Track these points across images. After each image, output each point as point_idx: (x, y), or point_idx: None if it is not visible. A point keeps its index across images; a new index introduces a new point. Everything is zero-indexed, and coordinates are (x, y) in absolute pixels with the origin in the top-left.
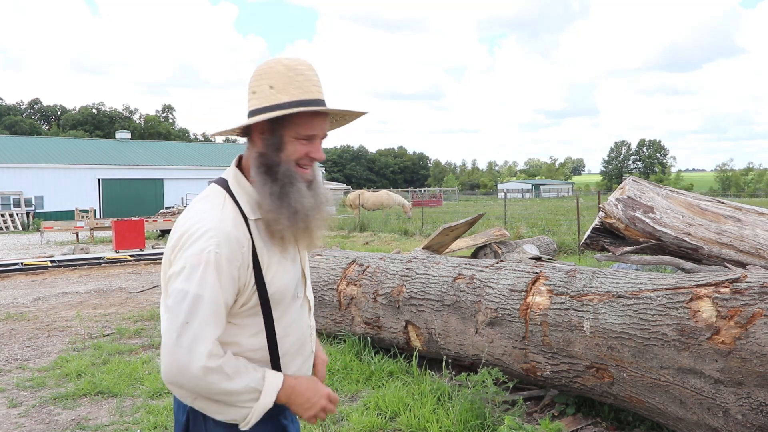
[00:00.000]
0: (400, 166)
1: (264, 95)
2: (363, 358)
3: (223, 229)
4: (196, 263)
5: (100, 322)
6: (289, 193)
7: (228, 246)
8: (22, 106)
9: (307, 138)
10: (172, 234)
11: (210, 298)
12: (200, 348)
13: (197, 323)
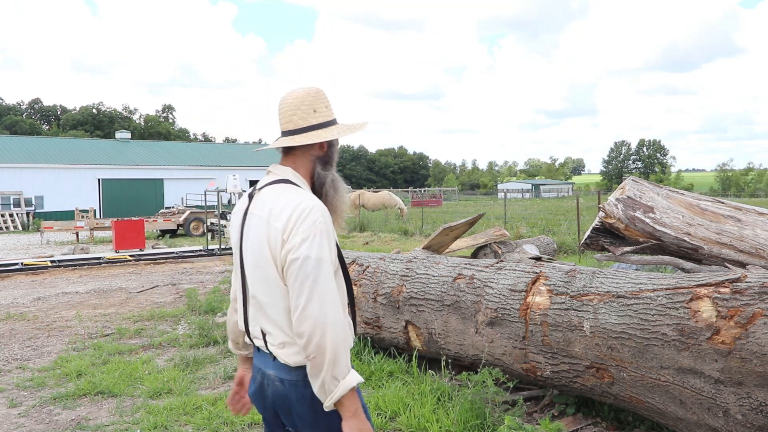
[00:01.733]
0: (400, 166)
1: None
2: (363, 358)
3: (320, 204)
4: (313, 233)
5: (100, 322)
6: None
7: (328, 217)
8: (22, 106)
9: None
10: (273, 223)
11: (328, 259)
12: (328, 302)
13: (323, 281)
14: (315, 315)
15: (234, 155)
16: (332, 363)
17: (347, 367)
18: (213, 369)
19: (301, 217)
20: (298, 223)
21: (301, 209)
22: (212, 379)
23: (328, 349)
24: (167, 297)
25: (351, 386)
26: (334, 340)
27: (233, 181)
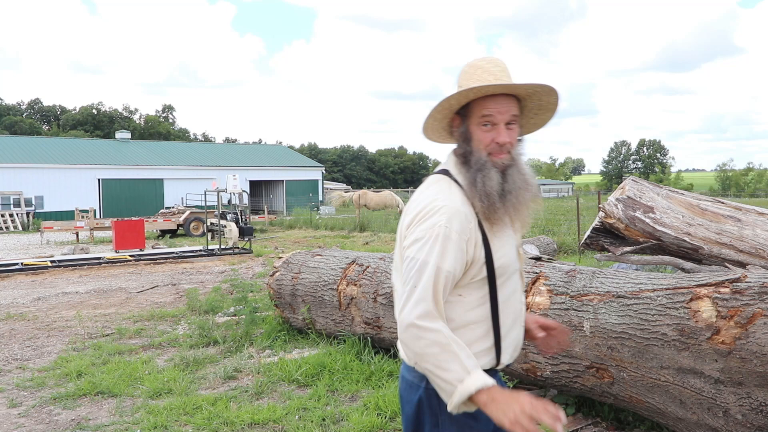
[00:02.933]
0: (400, 166)
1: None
2: (363, 358)
3: (453, 206)
4: (428, 236)
5: (100, 322)
6: (477, 180)
7: (458, 221)
8: (22, 106)
9: (486, 124)
10: (404, 216)
11: (435, 265)
12: (418, 308)
13: (421, 286)
14: (407, 322)
15: (234, 155)
16: (438, 369)
17: (463, 370)
18: (213, 369)
19: (425, 217)
20: (420, 221)
21: (429, 209)
22: (212, 379)
23: (427, 358)
24: (167, 297)
25: (469, 392)
26: (428, 349)
27: (233, 181)
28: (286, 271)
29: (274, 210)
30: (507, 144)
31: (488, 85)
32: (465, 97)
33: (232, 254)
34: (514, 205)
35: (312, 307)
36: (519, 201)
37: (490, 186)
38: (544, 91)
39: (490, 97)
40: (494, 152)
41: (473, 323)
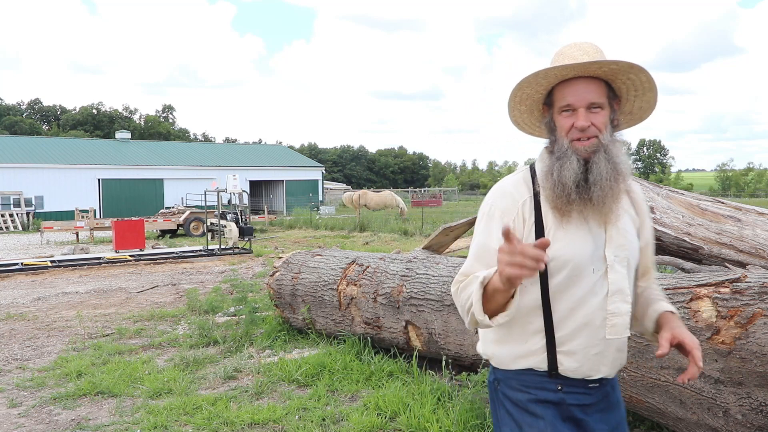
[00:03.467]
0: (400, 166)
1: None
2: (363, 358)
3: (501, 187)
4: (479, 215)
5: (100, 322)
6: (554, 168)
7: (503, 200)
8: (22, 106)
9: (567, 110)
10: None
11: (479, 241)
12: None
13: (469, 260)
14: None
15: (234, 155)
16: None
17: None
18: (213, 369)
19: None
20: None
21: (487, 194)
22: (212, 379)
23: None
24: (167, 297)
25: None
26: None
27: (233, 181)
28: (286, 271)
29: (274, 210)
30: (589, 128)
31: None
32: (529, 84)
33: (232, 254)
34: (599, 197)
35: (312, 307)
36: (605, 193)
37: (565, 175)
38: (628, 70)
39: (567, 83)
40: (576, 139)
41: (526, 316)
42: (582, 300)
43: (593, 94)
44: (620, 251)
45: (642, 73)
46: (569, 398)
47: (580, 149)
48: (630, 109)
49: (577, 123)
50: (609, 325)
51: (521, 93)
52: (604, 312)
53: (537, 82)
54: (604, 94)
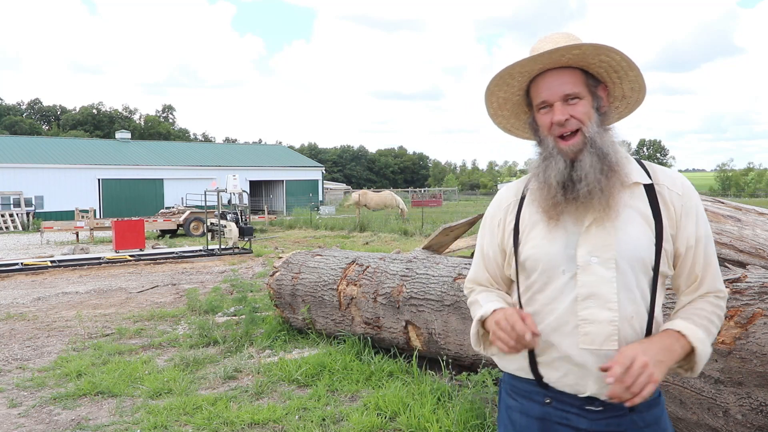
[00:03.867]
0: (400, 166)
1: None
2: (363, 358)
3: (498, 192)
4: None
5: (100, 322)
6: (540, 168)
7: (493, 205)
8: (22, 106)
9: (543, 106)
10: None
11: (478, 244)
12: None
13: (473, 264)
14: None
15: (234, 155)
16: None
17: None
18: (213, 369)
19: None
20: None
21: None
22: (212, 379)
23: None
24: (167, 297)
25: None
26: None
27: (233, 181)
28: (286, 271)
29: (274, 210)
30: (568, 120)
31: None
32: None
33: (232, 254)
34: (585, 194)
35: (312, 307)
36: (591, 189)
37: (550, 176)
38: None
39: (539, 78)
40: (560, 136)
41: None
42: (550, 304)
43: (567, 84)
44: (603, 251)
45: (612, 52)
46: (555, 415)
47: (564, 150)
48: (621, 93)
49: (554, 118)
50: (581, 333)
51: (496, 98)
52: (575, 318)
53: (506, 83)
54: (580, 83)
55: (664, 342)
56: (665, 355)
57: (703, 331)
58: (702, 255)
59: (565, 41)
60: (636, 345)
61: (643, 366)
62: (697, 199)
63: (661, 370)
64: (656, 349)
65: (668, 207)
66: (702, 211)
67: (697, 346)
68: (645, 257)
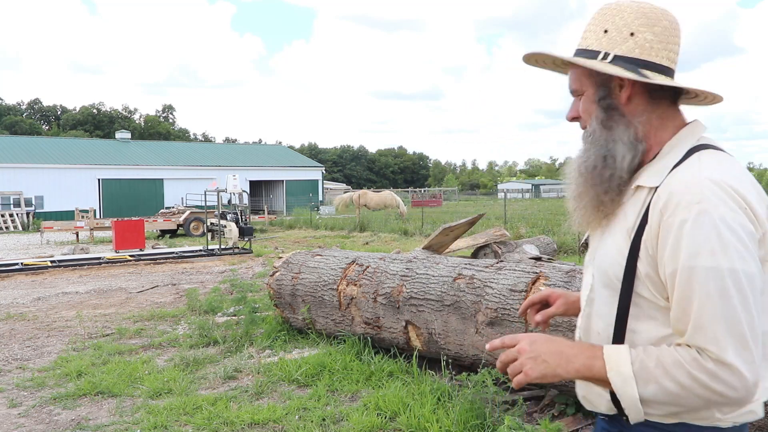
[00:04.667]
0: (400, 166)
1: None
2: (363, 358)
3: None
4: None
5: (100, 322)
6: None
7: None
8: (22, 106)
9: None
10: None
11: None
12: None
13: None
14: None
15: (234, 155)
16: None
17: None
18: (213, 369)
19: None
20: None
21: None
22: (212, 379)
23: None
24: (167, 297)
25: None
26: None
27: (233, 181)
28: (286, 271)
29: (274, 210)
30: (576, 118)
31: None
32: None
33: (232, 254)
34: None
35: (312, 307)
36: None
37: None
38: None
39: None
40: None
41: None
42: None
43: (571, 80)
44: (591, 259)
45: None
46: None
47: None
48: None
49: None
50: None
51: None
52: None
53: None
54: (583, 75)
55: (572, 348)
56: (555, 359)
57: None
58: (681, 293)
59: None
60: (536, 335)
61: (518, 351)
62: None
63: (540, 370)
64: (551, 349)
65: (650, 219)
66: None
67: (611, 378)
68: (609, 272)
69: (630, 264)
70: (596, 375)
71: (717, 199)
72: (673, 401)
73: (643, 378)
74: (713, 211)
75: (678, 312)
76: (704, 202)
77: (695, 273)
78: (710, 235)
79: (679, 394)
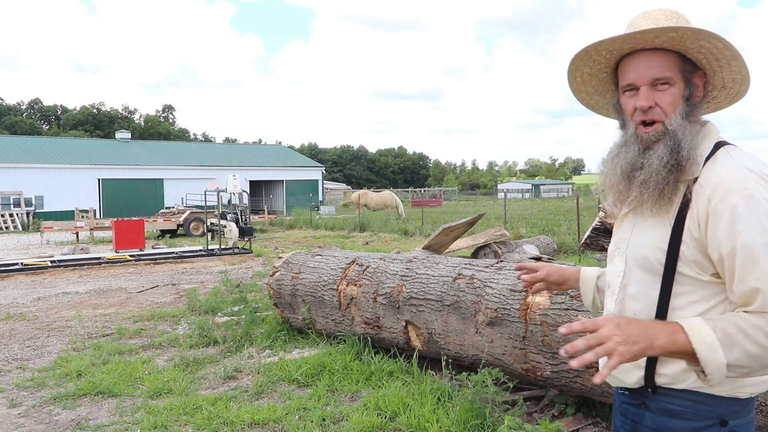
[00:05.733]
0: (400, 166)
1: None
2: (363, 358)
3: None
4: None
5: (100, 322)
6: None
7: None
8: (22, 106)
9: (629, 89)
10: None
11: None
12: None
13: None
14: None
15: (234, 155)
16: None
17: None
18: (213, 369)
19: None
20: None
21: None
22: (212, 379)
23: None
24: (167, 297)
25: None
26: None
27: (233, 181)
28: (286, 271)
29: (274, 210)
30: (652, 108)
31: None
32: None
33: (232, 254)
34: (639, 183)
35: (312, 307)
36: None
37: (615, 163)
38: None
39: (630, 58)
40: (641, 122)
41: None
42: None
43: (657, 68)
44: (622, 244)
45: (714, 39)
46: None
47: (643, 137)
48: (721, 82)
49: (638, 103)
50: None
51: (580, 73)
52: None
53: (592, 59)
54: (673, 67)
55: (652, 327)
56: (643, 339)
57: (714, 334)
58: (741, 269)
59: (665, 19)
60: (617, 317)
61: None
62: (740, 200)
63: (633, 351)
64: (638, 330)
65: (695, 206)
66: (748, 215)
67: (698, 348)
68: (650, 257)
69: (672, 248)
70: (680, 348)
71: (759, 186)
72: (753, 363)
73: (727, 344)
74: (758, 195)
75: (742, 285)
76: (749, 188)
77: (756, 249)
78: (761, 216)
79: (760, 355)
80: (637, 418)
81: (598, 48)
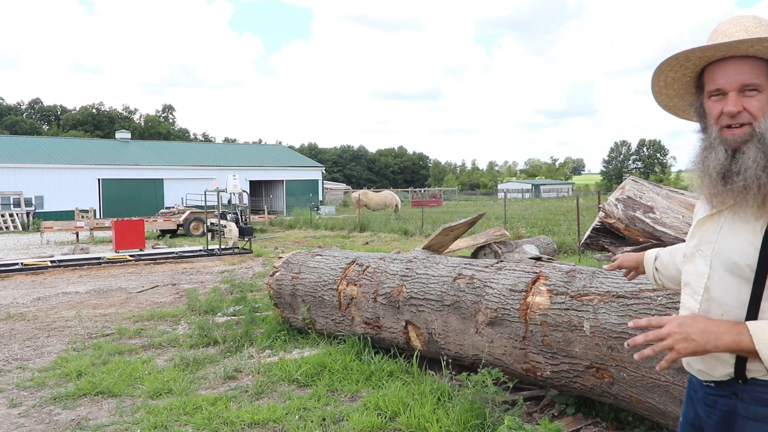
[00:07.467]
0: (400, 166)
1: None
2: (363, 358)
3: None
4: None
5: (100, 322)
6: (699, 158)
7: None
8: (22, 106)
9: (715, 93)
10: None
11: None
12: None
13: None
14: None
15: (234, 155)
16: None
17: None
18: (213, 369)
19: None
20: None
21: None
22: (212, 379)
23: None
24: (167, 297)
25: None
26: None
27: (233, 181)
28: (286, 271)
29: (274, 210)
30: (740, 113)
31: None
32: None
33: (232, 254)
34: (740, 188)
35: (312, 307)
36: (748, 185)
37: (707, 165)
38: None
39: (717, 64)
40: (726, 126)
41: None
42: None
43: (746, 74)
44: (705, 247)
45: None
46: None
47: (729, 139)
48: None
49: (726, 108)
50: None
51: (664, 77)
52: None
53: (681, 64)
54: (762, 74)
55: (717, 326)
56: (703, 337)
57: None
58: None
59: (755, 27)
60: (681, 317)
61: (668, 333)
62: None
63: (691, 348)
64: (699, 328)
65: None
66: None
67: (760, 349)
68: (739, 261)
69: (764, 252)
70: (744, 348)
71: None
72: None
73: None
74: None
75: None
76: None
77: None
78: None
79: None
80: (729, 408)
81: (689, 55)
